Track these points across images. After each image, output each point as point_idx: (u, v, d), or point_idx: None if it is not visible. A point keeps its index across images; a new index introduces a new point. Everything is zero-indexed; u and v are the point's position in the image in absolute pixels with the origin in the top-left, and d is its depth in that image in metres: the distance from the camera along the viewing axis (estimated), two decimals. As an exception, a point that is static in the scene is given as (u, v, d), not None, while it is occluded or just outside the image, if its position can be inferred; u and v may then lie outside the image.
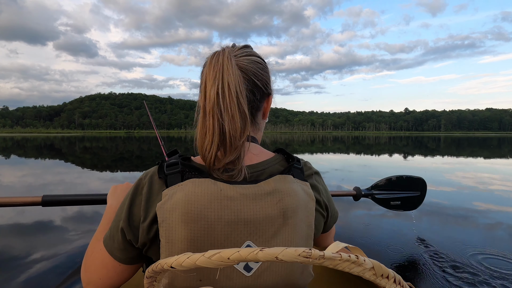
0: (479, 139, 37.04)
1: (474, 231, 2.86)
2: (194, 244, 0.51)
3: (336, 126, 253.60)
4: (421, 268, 1.98)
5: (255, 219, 0.52)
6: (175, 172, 0.54)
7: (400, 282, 0.32)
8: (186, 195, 0.51)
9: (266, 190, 0.54)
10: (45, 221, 3.45)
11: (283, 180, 0.56)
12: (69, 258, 2.31)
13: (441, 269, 1.96)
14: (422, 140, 32.34)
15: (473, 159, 10.73)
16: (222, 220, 0.51)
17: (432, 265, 2.04)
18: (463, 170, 7.45)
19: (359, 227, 2.99)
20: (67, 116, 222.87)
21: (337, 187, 5.14)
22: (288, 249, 0.28)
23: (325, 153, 13.12)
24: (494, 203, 4.03)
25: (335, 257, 0.28)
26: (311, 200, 0.59)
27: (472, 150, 16.39)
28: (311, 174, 0.65)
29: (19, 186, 5.54)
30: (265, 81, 0.62)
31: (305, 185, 0.60)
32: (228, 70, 0.52)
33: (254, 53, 0.63)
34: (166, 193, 0.52)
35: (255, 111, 0.63)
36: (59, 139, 35.19)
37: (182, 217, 0.50)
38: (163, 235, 0.51)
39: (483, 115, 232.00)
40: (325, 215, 0.66)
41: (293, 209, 0.55)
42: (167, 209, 0.51)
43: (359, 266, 0.30)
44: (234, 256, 0.29)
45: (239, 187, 0.53)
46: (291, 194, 0.55)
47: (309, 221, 0.59)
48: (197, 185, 0.52)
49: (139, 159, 11.44)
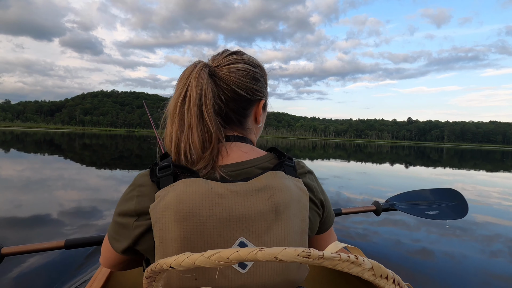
0: (483, 152, 37.04)
1: (472, 242, 2.86)
2: (187, 243, 0.51)
3: (339, 133, 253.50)
4: (420, 269, 1.98)
5: (247, 215, 0.52)
6: (167, 175, 0.55)
7: (399, 283, 0.32)
8: (178, 194, 0.52)
9: (257, 187, 0.54)
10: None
11: (274, 176, 0.56)
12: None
13: (440, 271, 1.96)
14: (425, 151, 32.35)
15: (474, 172, 10.72)
16: (214, 217, 0.51)
17: (431, 266, 2.04)
18: (463, 182, 7.44)
19: (359, 228, 2.99)
20: (68, 112, 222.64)
21: (349, 199, 5.13)
22: (288, 249, 0.28)
23: (326, 160, 13.12)
24: (492, 215, 4.02)
25: (334, 257, 0.28)
26: (305, 194, 0.59)
27: (475, 162, 16.39)
28: (304, 173, 0.64)
29: (18, 180, 5.54)
30: (250, 88, 0.62)
31: (297, 181, 0.59)
32: (194, 82, 0.58)
33: (242, 59, 0.63)
34: (159, 195, 0.53)
35: (241, 118, 0.65)
36: (59, 135, 35.26)
37: (175, 216, 0.51)
38: (157, 236, 0.52)
39: (487, 128, 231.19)
40: (321, 213, 0.65)
41: (285, 204, 0.55)
42: (159, 209, 0.52)
43: (358, 266, 0.29)
44: (233, 256, 0.29)
45: (230, 185, 0.54)
46: (283, 190, 0.55)
47: (303, 216, 0.58)
48: (188, 184, 0.53)
49: (138, 158, 11.45)
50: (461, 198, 1.52)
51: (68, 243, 1.00)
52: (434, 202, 1.51)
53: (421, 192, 1.55)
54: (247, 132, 0.67)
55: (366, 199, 4.86)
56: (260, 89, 0.65)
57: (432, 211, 1.45)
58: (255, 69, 0.64)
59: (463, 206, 1.48)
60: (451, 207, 1.49)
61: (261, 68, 0.67)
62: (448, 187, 1.56)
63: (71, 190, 4.82)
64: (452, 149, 49.62)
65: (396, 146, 51.72)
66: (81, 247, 1.01)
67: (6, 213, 3.39)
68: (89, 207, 3.86)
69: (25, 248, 0.96)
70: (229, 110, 0.62)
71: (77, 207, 3.85)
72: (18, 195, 4.34)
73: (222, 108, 0.62)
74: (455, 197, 1.53)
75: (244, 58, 0.64)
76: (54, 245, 0.99)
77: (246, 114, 0.65)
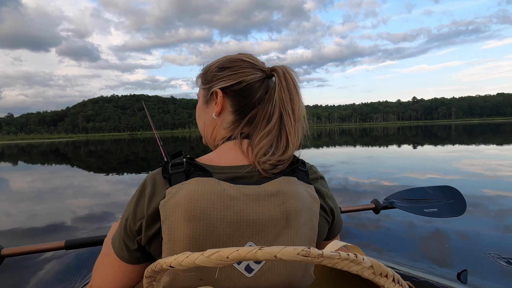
0: (492, 125, 36.30)
1: (483, 223, 2.84)
2: (196, 243, 0.51)
3: (343, 118, 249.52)
4: (420, 267, 1.98)
5: (257, 220, 0.52)
6: (179, 172, 0.54)
7: (399, 281, 0.32)
8: (189, 193, 0.51)
9: (270, 191, 0.54)
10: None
11: (287, 182, 0.56)
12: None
13: (440, 270, 1.96)
14: (432, 129, 31.85)
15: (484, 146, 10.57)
16: (225, 219, 0.51)
17: (431, 264, 2.04)
18: (471, 158, 7.37)
19: (358, 225, 2.99)
20: (70, 121, 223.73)
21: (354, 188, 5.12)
22: (287, 247, 0.28)
23: (331, 147, 13.04)
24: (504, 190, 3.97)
25: (334, 256, 0.28)
26: (316, 203, 0.59)
27: (484, 137, 16.08)
28: (316, 178, 0.63)
29: (29, 191, 5.64)
30: None
31: (309, 188, 0.59)
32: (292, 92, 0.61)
33: None
34: (170, 191, 0.52)
35: None
36: (63, 144, 35.59)
37: (185, 215, 0.50)
38: (165, 233, 0.51)
39: (495, 101, 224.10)
40: (330, 220, 0.65)
41: (296, 212, 0.54)
42: (170, 206, 0.51)
43: (358, 265, 0.29)
44: (233, 255, 0.28)
45: (242, 187, 0.53)
46: (295, 196, 0.55)
47: (313, 224, 0.58)
48: (201, 184, 0.52)
49: (144, 160, 11.53)
50: (459, 195, 1.53)
51: (68, 244, 0.99)
52: (433, 200, 1.52)
53: (420, 190, 1.56)
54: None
55: (375, 183, 4.85)
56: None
57: (430, 209, 1.45)
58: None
59: (461, 204, 1.49)
60: (449, 204, 1.50)
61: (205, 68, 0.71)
62: (447, 185, 1.57)
63: (82, 197, 4.90)
64: (460, 125, 48.68)
65: (403, 127, 50.98)
66: (81, 247, 1.01)
67: (22, 224, 3.47)
68: (101, 212, 3.93)
69: (25, 249, 0.95)
70: None
71: (90, 213, 3.91)
72: (32, 205, 4.42)
73: None
74: (453, 194, 1.53)
75: None
76: (55, 246, 0.98)
77: None
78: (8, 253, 0.92)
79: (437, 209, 1.46)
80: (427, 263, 2.06)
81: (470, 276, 1.84)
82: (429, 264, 2.05)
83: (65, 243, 0.99)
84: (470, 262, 2.07)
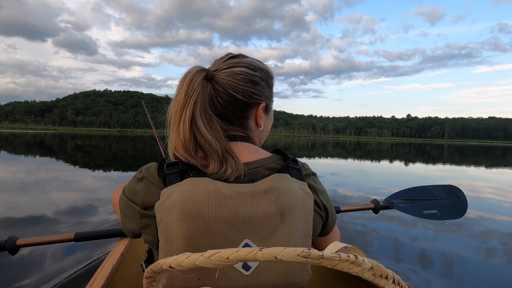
0: (484, 148, 37.19)
1: (468, 238, 2.91)
2: (192, 243, 0.51)
3: (338, 130, 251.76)
4: (420, 269, 2.00)
5: (252, 217, 0.53)
6: (174, 172, 0.55)
7: (399, 283, 0.32)
8: (184, 193, 0.52)
9: (263, 189, 0.54)
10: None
11: (280, 179, 0.57)
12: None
13: (440, 269, 1.98)
14: (425, 148, 32.48)
15: (475, 168, 10.88)
16: (220, 218, 0.52)
17: (430, 266, 2.06)
18: (456, 178, 7.56)
19: (357, 225, 3.01)
20: (59, 113, 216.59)
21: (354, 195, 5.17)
22: (287, 249, 0.28)
23: (323, 158, 13.15)
24: (486, 211, 4.11)
25: (334, 257, 0.28)
26: (309, 198, 0.59)
27: (475, 159, 16.46)
28: (309, 175, 0.65)
29: (12, 182, 5.45)
30: (247, 91, 0.62)
31: (302, 184, 0.60)
32: (184, 87, 0.59)
33: (241, 63, 0.63)
34: (165, 192, 0.53)
35: (242, 120, 0.65)
36: (49, 136, 34.61)
37: (180, 216, 0.51)
38: (162, 234, 0.52)
39: (487, 124, 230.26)
40: (324, 216, 0.66)
41: (290, 207, 0.55)
42: (165, 208, 0.52)
43: (358, 266, 0.29)
44: (233, 256, 0.29)
45: (237, 186, 0.54)
46: (289, 192, 0.56)
47: (307, 219, 0.59)
48: (195, 184, 0.53)
49: (133, 159, 11.34)
50: (462, 195, 1.49)
51: (77, 236, 1.06)
52: (434, 200, 1.49)
53: (423, 189, 1.52)
54: (250, 133, 0.68)
55: (362, 197, 4.91)
56: (260, 92, 0.64)
57: (430, 211, 1.42)
58: (254, 72, 0.64)
59: (463, 205, 1.45)
60: (450, 205, 1.46)
61: (264, 71, 0.66)
62: (449, 184, 1.54)
63: (66, 191, 4.76)
64: (452, 145, 49.82)
65: (403, 144, 51.66)
66: (90, 240, 1.08)
67: (1, 214, 3.35)
68: (85, 205, 3.84)
69: (38, 240, 1.02)
70: (229, 112, 0.63)
71: (72, 206, 3.81)
72: (13, 197, 4.28)
73: (222, 110, 0.62)
74: (455, 194, 1.50)
75: (244, 61, 0.64)
76: (65, 238, 1.05)
77: (246, 117, 0.66)
78: (22, 243, 0.99)
79: (437, 211, 1.42)
80: (426, 266, 2.08)
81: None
82: (430, 263, 2.05)
83: (75, 235, 1.06)
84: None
